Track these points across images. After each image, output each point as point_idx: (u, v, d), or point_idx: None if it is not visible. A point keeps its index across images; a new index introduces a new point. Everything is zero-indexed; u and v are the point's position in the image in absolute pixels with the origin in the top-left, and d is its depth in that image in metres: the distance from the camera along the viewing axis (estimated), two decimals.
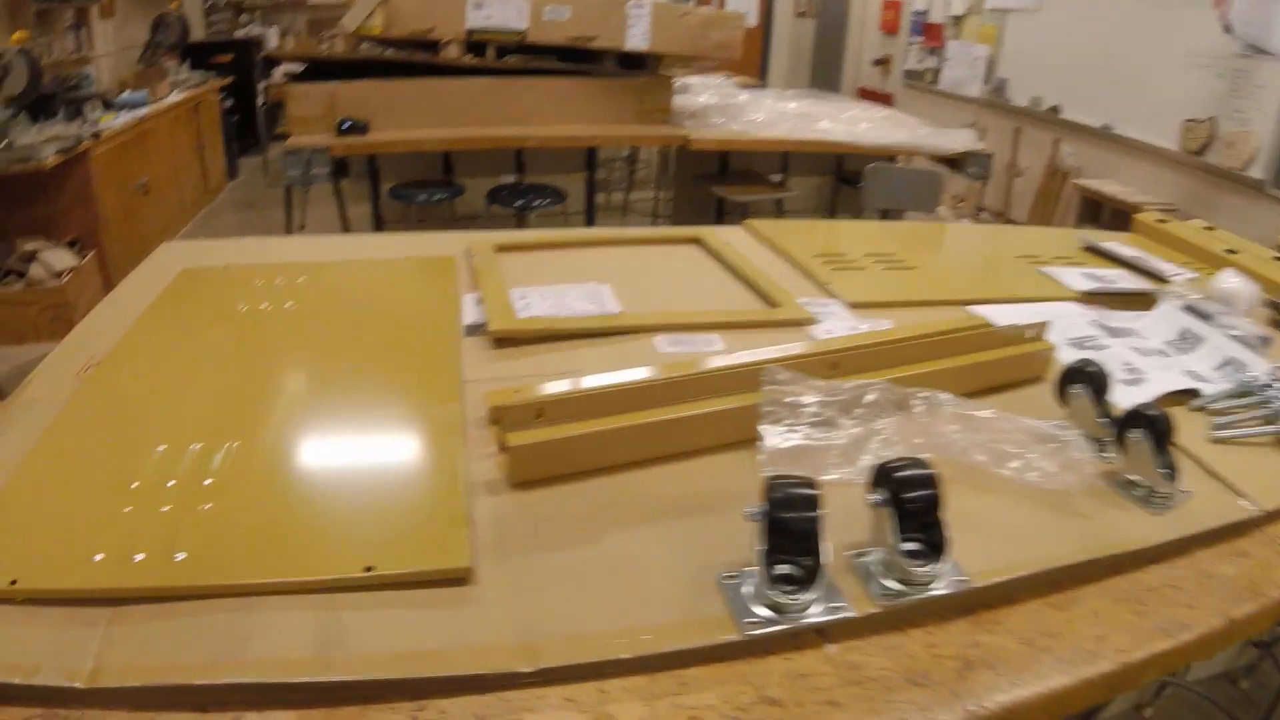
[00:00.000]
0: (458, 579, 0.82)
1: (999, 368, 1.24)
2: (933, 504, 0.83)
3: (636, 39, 3.66)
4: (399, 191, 3.90)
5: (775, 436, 1.00)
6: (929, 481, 0.82)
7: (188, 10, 7.39)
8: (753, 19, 8.15)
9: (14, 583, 0.78)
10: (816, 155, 4.06)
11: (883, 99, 7.66)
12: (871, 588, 0.84)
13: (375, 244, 2.00)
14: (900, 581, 0.84)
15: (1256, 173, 5.05)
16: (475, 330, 1.41)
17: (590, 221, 4.12)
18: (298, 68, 4.48)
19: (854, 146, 3.82)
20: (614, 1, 3.62)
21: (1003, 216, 6.38)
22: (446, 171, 4.10)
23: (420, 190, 3.91)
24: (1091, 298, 1.69)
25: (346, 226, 4.17)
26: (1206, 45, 5.19)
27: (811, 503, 0.77)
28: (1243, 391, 1.37)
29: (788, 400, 1.02)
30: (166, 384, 1.19)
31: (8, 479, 0.94)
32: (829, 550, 0.80)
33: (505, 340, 1.37)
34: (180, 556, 0.82)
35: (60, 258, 4.52)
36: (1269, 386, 1.37)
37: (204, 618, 0.77)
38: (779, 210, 4.21)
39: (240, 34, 8.34)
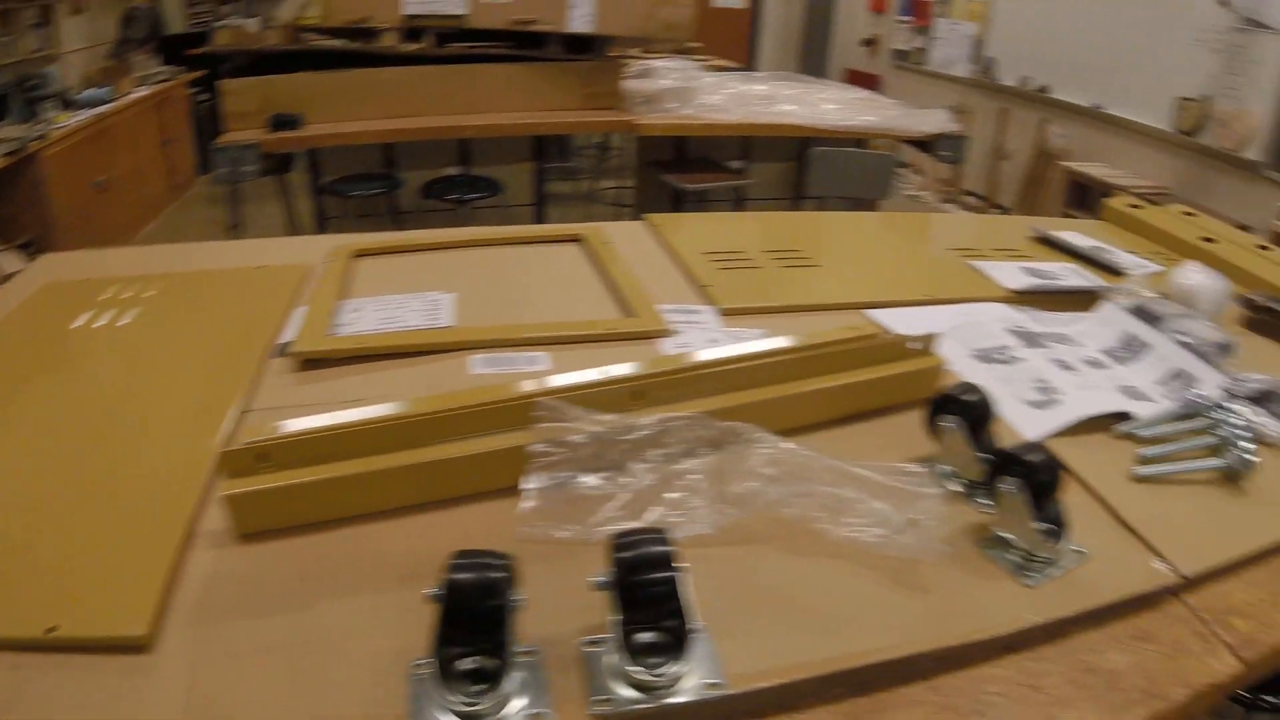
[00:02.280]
0: (133, 646, 0.69)
1: (867, 391, 1.01)
2: (670, 590, 0.62)
3: (581, 21, 3.46)
4: (335, 186, 3.69)
5: (543, 483, 0.79)
6: (663, 561, 0.61)
7: (168, 3, 7.19)
8: (741, 1, 7.91)
9: None
10: (780, 140, 3.81)
11: (870, 81, 7.39)
12: (593, 689, 0.63)
13: (239, 251, 1.80)
14: (631, 685, 0.62)
15: (1253, 154, 4.77)
16: (284, 350, 1.21)
17: (539, 214, 3.90)
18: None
19: (816, 129, 3.58)
20: None
21: (988, 202, 6.10)
22: (388, 165, 3.89)
23: (357, 185, 3.70)
24: (1024, 297, 1.46)
25: (292, 223, 3.97)
26: (1202, 20, 4.92)
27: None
28: (1186, 414, 1.14)
29: (567, 439, 0.80)
30: None
31: None
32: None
33: (314, 362, 1.16)
34: None
35: (9, 261, 4.37)
36: (1219, 408, 1.13)
37: None
38: (739, 198, 3.98)
39: (220, 25, 8.13)
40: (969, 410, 0.88)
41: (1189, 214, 2.50)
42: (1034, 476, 0.79)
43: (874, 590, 0.77)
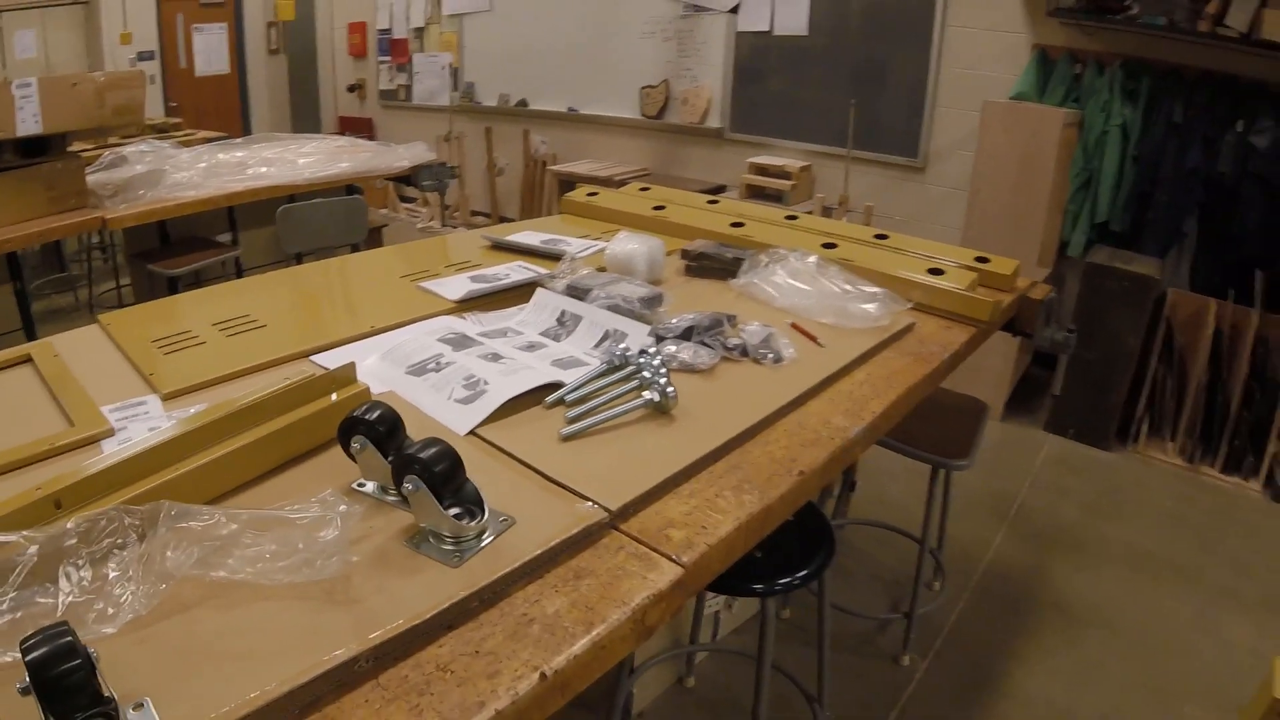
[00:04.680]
0: None
1: (295, 434, 1.04)
2: (84, 677, 0.64)
3: (28, 123, 3.13)
4: None
5: None
6: (69, 652, 0.64)
7: None
8: (222, 64, 7.60)
9: None
10: (265, 203, 3.74)
11: (362, 125, 7.51)
12: None
13: None
14: None
15: (714, 123, 5.53)
16: None
17: (32, 338, 3.47)
18: None
19: (293, 186, 3.57)
20: None
21: (494, 217, 6.50)
22: None
23: None
24: (467, 304, 1.57)
25: None
26: (652, 13, 5.67)
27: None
28: (613, 368, 1.29)
29: None
30: None
31: None
32: None
33: None
34: None
35: None
36: (642, 354, 1.30)
37: None
38: (238, 270, 3.87)
39: None
40: (373, 427, 0.94)
41: (644, 189, 2.86)
42: (429, 470, 0.86)
43: (306, 617, 0.79)
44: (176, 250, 3.86)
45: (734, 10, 5.29)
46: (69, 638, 0.65)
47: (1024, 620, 2.68)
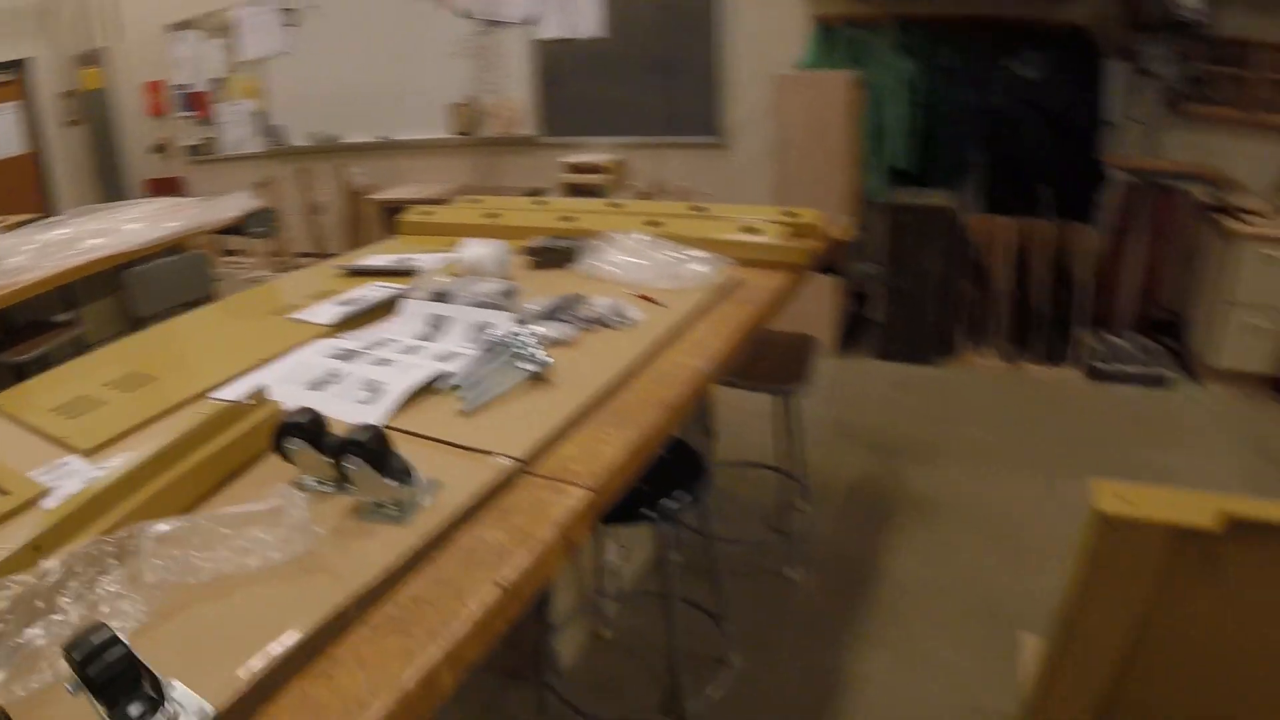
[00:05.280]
0: None
1: (227, 455, 1.18)
2: (130, 666, 0.75)
3: None
4: None
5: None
6: (113, 641, 0.74)
7: None
8: (11, 145, 7.26)
9: None
10: (103, 274, 3.71)
11: (172, 185, 7.34)
12: None
13: None
14: None
15: (527, 131, 5.73)
16: None
17: None
18: None
19: (130, 252, 3.57)
20: None
21: (319, 255, 6.55)
22: None
23: None
24: (340, 326, 1.72)
25: None
26: (452, 33, 5.82)
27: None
28: (491, 351, 1.48)
29: None
30: None
31: None
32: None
33: None
34: None
35: None
36: (513, 335, 1.49)
37: None
38: (84, 346, 3.83)
39: None
40: (304, 429, 1.09)
41: (475, 201, 3.03)
42: (364, 447, 1.03)
43: (293, 589, 0.94)
44: (21, 335, 3.78)
45: (530, 22, 5.50)
46: (108, 632, 0.75)
47: (886, 519, 3.04)
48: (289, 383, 1.43)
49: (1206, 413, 4.05)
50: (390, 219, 2.82)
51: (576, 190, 5.26)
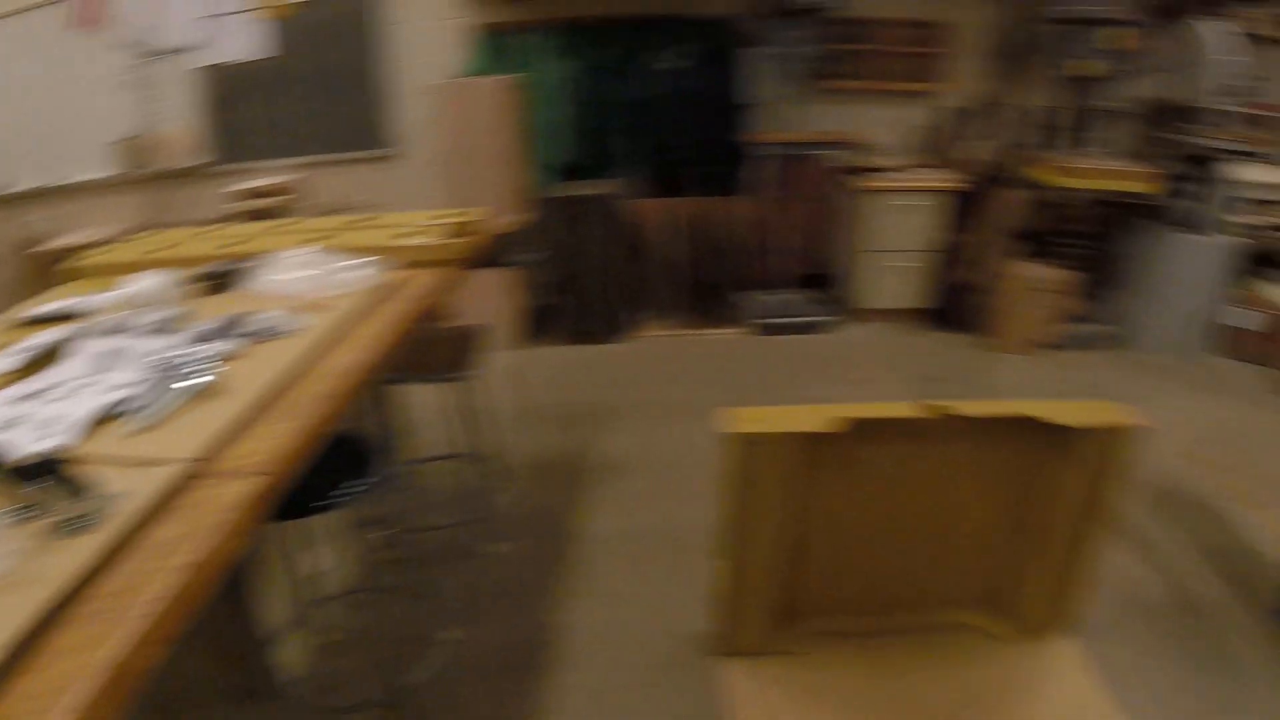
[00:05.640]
0: None
1: None
2: None
3: None
4: None
5: None
6: None
7: None
8: None
9: None
10: None
11: None
12: None
13: None
14: None
15: (201, 159, 5.62)
16: None
17: None
18: None
19: None
20: None
21: None
22: None
23: None
24: (17, 375, 1.78)
25: None
26: (109, 67, 5.51)
27: None
28: (162, 373, 1.61)
29: None
30: None
31: None
32: None
33: None
34: None
35: None
36: (181, 356, 1.63)
37: None
38: None
39: None
40: None
41: (147, 235, 3.05)
42: (34, 472, 1.17)
43: (6, 599, 1.06)
44: None
45: (194, 48, 5.39)
46: None
47: (580, 483, 3.39)
48: None
49: (865, 347, 4.72)
50: (66, 265, 2.80)
51: (257, 215, 5.24)
